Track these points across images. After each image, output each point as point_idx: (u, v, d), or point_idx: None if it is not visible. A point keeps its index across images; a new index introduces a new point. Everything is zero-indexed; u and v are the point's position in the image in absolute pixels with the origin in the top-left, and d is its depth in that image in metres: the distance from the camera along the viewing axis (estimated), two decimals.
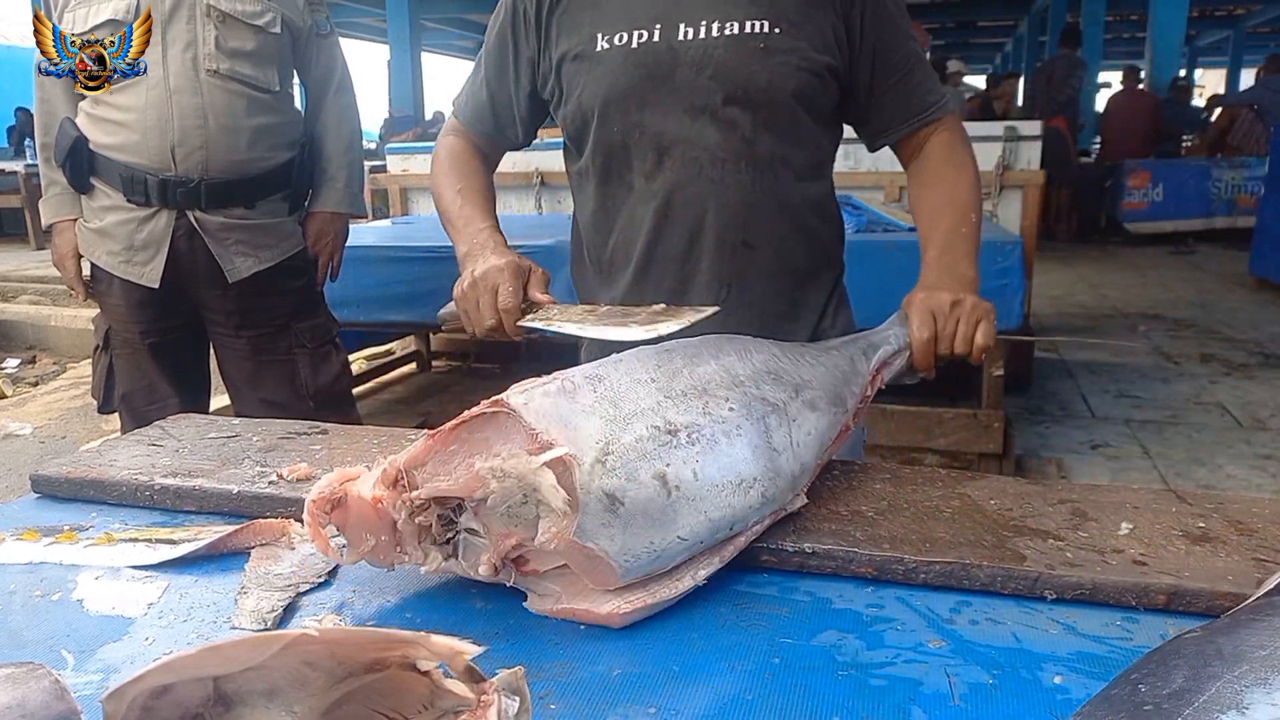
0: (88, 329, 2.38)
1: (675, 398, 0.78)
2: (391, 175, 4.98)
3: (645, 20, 1.15)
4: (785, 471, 0.82)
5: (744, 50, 1.13)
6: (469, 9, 17.12)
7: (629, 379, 0.78)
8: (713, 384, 0.82)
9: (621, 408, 0.74)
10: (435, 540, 0.73)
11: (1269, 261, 6.47)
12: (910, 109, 1.24)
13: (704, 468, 0.74)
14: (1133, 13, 14.54)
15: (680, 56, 1.14)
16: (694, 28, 1.14)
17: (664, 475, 0.71)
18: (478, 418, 0.70)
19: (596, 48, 1.17)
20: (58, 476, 0.98)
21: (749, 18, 1.14)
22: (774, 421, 0.83)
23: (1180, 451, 3.49)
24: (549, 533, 0.66)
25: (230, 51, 2.01)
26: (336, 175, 2.27)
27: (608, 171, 1.23)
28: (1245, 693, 0.47)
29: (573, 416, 0.71)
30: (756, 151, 1.17)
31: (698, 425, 0.76)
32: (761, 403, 0.84)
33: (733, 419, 0.79)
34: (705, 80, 1.14)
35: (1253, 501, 0.89)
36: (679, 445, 0.74)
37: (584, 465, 0.67)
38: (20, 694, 0.49)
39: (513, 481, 0.66)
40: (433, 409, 4.17)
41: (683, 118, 1.16)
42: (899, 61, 1.22)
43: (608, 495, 0.68)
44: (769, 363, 0.91)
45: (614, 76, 1.16)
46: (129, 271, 2.08)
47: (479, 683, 0.51)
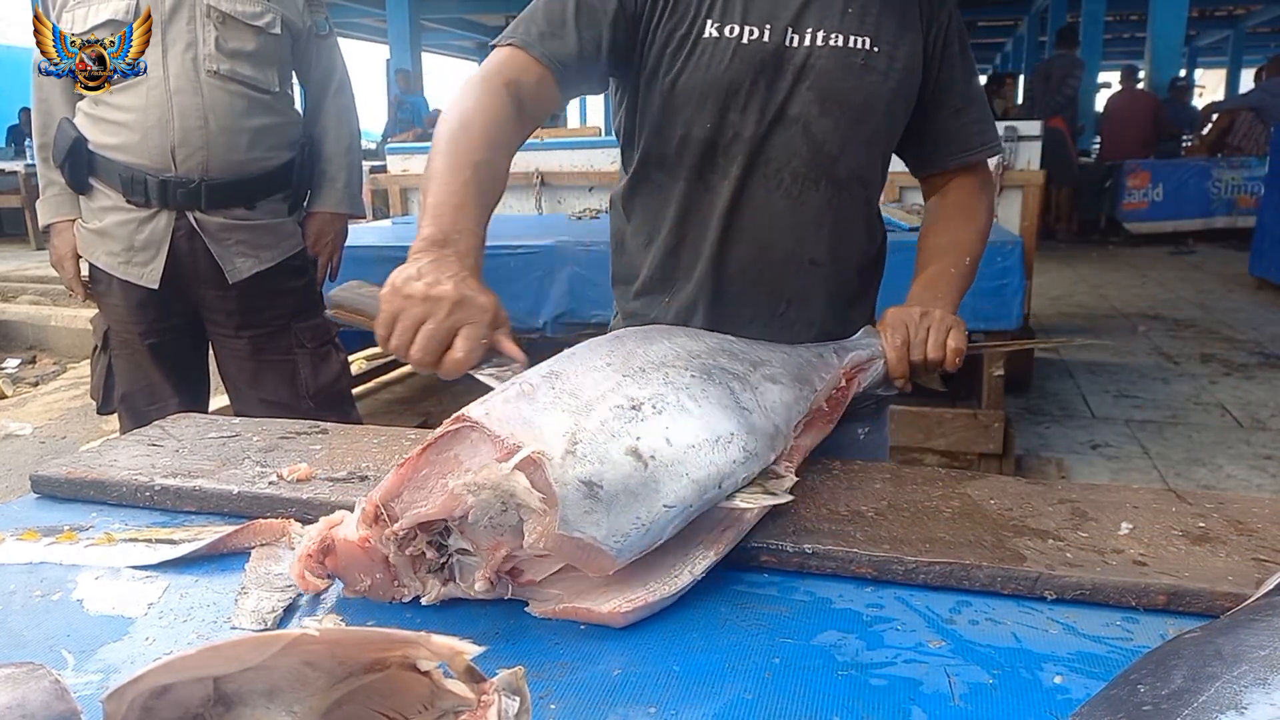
0: (88, 329, 2.38)
1: (634, 375, 0.78)
2: (391, 175, 4.98)
3: (757, 17, 1.12)
4: (760, 428, 0.83)
5: (845, 64, 1.12)
6: (469, 9, 17.12)
7: (585, 368, 0.78)
8: (669, 358, 0.83)
9: (581, 396, 0.74)
10: (430, 568, 0.73)
11: (1269, 261, 6.47)
12: (954, 145, 1.25)
13: (676, 432, 0.74)
14: (1133, 13, 14.53)
15: (785, 62, 1.12)
16: (800, 35, 1.12)
17: (636, 449, 0.71)
18: (443, 437, 0.70)
19: (705, 33, 1.12)
20: (58, 476, 0.98)
21: (852, 32, 1.13)
22: (737, 385, 0.85)
23: (1180, 451, 3.49)
24: (534, 533, 0.66)
25: (230, 52, 2.01)
26: (336, 176, 2.27)
27: (689, 168, 1.18)
28: (1244, 693, 0.47)
29: (535, 416, 0.71)
30: (838, 170, 1.16)
31: (661, 395, 0.77)
32: (720, 371, 0.85)
33: (696, 383, 0.81)
34: (804, 90, 1.12)
35: (1253, 501, 0.89)
36: (646, 417, 0.74)
37: (554, 459, 0.67)
38: (20, 694, 0.49)
39: (488, 492, 0.66)
40: (433, 409, 4.17)
41: (776, 125, 1.14)
42: (959, 93, 1.23)
43: (584, 483, 0.68)
44: (722, 344, 0.94)
45: (719, 69, 1.12)
46: (129, 272, 2.08)
47: (479, 683, 0.51)
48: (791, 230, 1.17)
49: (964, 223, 1.25)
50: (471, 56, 24.35)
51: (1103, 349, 4.89)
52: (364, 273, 3.92)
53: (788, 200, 1.16)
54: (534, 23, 1.13)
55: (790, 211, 1.16)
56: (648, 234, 1.24)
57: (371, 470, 0.98)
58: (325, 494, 0.91)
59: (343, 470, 0.98)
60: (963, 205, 1.26)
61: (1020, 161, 4.00)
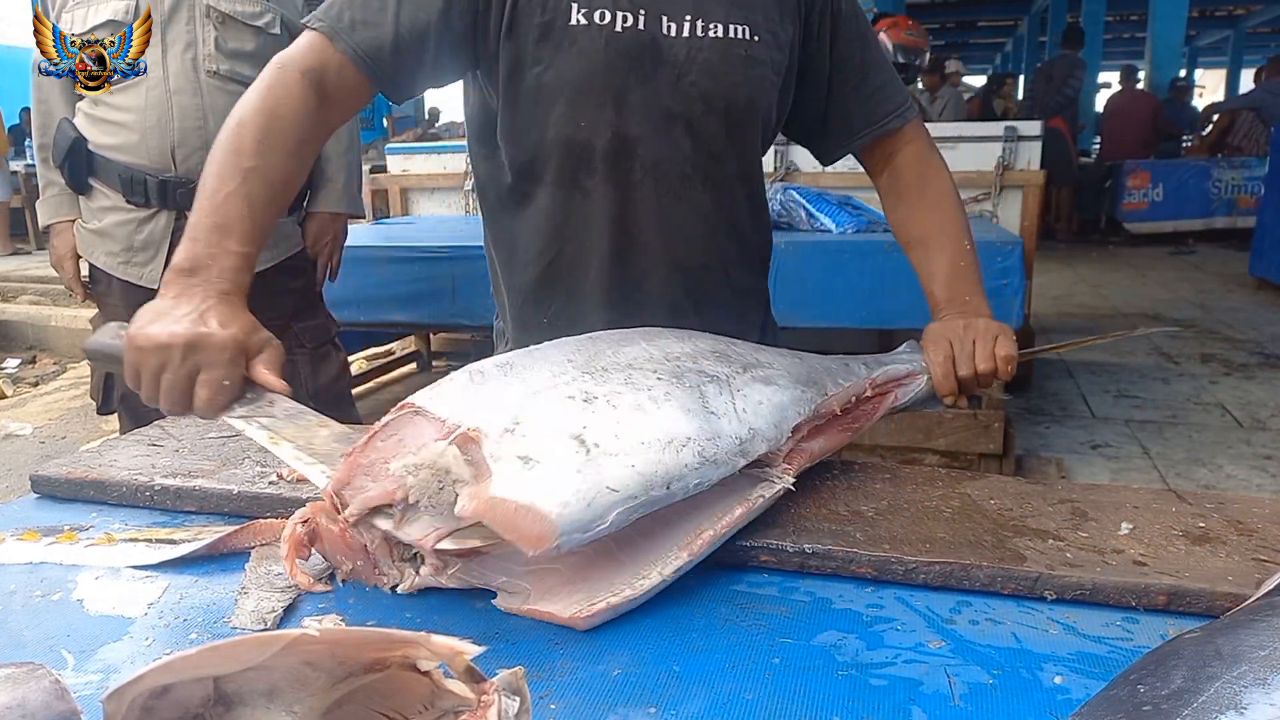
0: (87, 329, 2.38)
1: (594, 373, 0.76)
2: (391, 175, 4.98)
3: (630, 2, 1.01)
4: (727, 433, 0.78)
5: (727, 57, 1.04)
6: None
7: (543, 361, 0.77)
8: (639, 360, 0.80)
9: (531, 384, 0.73)
10: (403, 556, 0.73)
11: (1269, 261, 6.47)
12: (872, 114, 1.17)
13: (625, 428, 0.72)
14: (1133, 13, 14.54)
15: (664, 53, 1.02)
16: (676, 23, 1.02)
17: (580, 436, 0.69)
18: (389, 423, 0.70)
19: (570, 20, 1.00)
20: (58, 477, 0.98)
21: (730, 21, 1.04)
22: (712, 390, 0.81)
23: (1180, 451, 3.49)
24: (466, 499, 0.65)
25: (230, 52, 2.01)
26: (335, 176, 2.27)
27: (562, 172, 1.06)
28: (1244, 693, 0.47)
29: (480, 399, 0.71)
30: (723, 170, 1.09)
31: (618, 393, 0.75)
32: (697, 374, 0.82)
33: (660, 386, 0.77)
34: (687, 85, 1.04)
35: (1253, 501, 0.89)
36: (597, 411, 0.72)
37: (490, 436, 0.67)
38: (20, 694, 0.49)
39: (425, 471, 0.66)
40: None
41: (660, 122, 1.04)
42: (859, 65, 1.16)
43: (520, 458, 0.66)
44: (717, 346, 0.89)
45: (591, 61, 1.00)
46: (128, 272, 2.09)
47: (479, 683, 0.51)
48: (680, 236, 1.09)
49: (935, 195, 1.18)
50: None
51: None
52: (364, 272, 3.90)
53: (677, 202, 1.08)
54: (348, 6, 0.99)
55: (679, 212, 1.08)
56: (522, 251, 1.13)
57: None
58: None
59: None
60: (923, 176, 1.19)
61: (1020, 161, 3.99)
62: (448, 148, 4.94)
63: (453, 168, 4.73)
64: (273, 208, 0.95)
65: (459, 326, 3.79)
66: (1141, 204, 8.94)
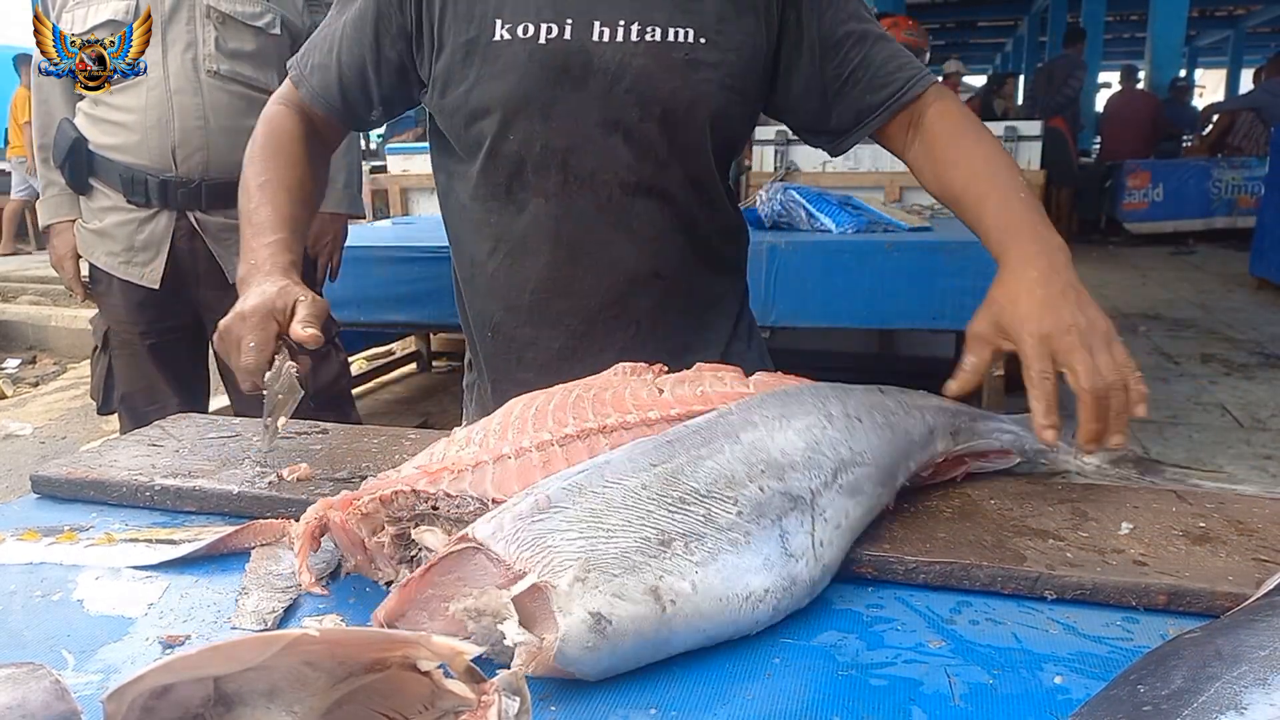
0: (88, 329, 2.38)
1: (671, 505, 0.69)
2: (391, 175, 4.98)
3: (554, 12, 0.99)
4: (803, 579, 0.71)
5: (665, 62, 1.00)
6: None
7: (616, 488, 0.69)
8: (720, 483, 0.71)
9: (605, 521, 0.66)
10: (400, 558, 0.74)
11: (1269, 261, 6.47)
12: (881, 91, 1.06)
13: (705, 579, 0.65)
14: (1133, 13, 14.54)
15: (594, 61, 1.00)
16: (610, 28, 0.99)
17: (657, 589, 0.63)
18: (446, 558, 0.65)
19: (495, 36, 1.00)
20: (58, 477, 0.98)
21: (672, 24, 1.00)
22: (793, 523, 0.73)
23: (1180, 451, 3.49)
24: (523, 657, 0.60)
25: (230, 52, 2.02)
26: (335, 176, 2.27)
27: (497, 186, 1.07)
28: (1244, 693, 0.47)
29: (547, 537, 0.64)
30: (669, 176, 1.05)
31: (697, 534, 0.68)
32: (782, 497, 0.73)
33: (740, 525, 0.70)
34: (621, 93, 1.01)
35: (1253, 501, 0.89)
36: (673, 555, 0.66)
37: (560, 587, 0.61)
38: (20, 694, 0.49)
39: (488, 619, 0.62)
40: (433, 409, 4.18)
41: (593, 132, 1.02)
42: (852, 44, 1.06)
43: (592, 614, 0.61)
44: (809, 433, 0.78)
45: (516, 76, 1.00)
46: (129, 272, 2.09)
47: (479, 683, 0.51)
48: (628, 246, 1.06)
49: (973, 143, 1.03)
50: None
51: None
52: (364, 272, 3.91)
53: (621, 214, 1.05)
54: (312, 50, 1.14)
55: (624, 224, 1.05)
56: (465, 266, 1.15)
57: (371, 470, 0.98)
58: (325, 494, 0.91)
59: (343, 470, 0.98)
60: (958, 129, 1.04)
61: (1020, 161, 4.00)
62: None
63: None
64: (296, 204, 1.08)
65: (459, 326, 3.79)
66: (1141, 204, 8.94)
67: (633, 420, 0.84)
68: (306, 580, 0.74)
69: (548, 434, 0.81)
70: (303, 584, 0.74)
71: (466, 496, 0.73)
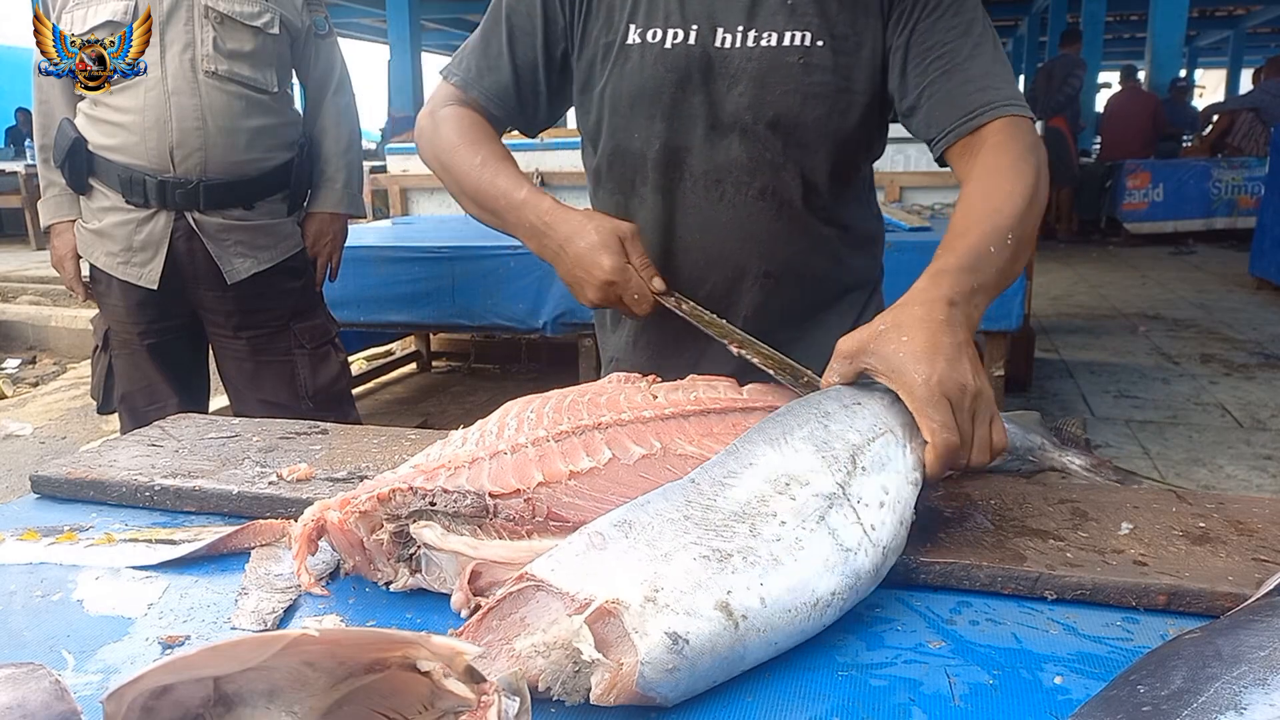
0: (88, 329, 2.38)
1: (716, 529, 0.68)
2: (391, 175, 4.98)
3: (682, 18, 1.05)
4: (866, 569, 0.70)
5: (780, 66, 1.04)
6: (469, 9, 17.09)
7: (660, 519, 0.68)
8: (751, 504, 0.70)
9: (660, 547, 0.65)
10: (399, 557, 0.74)
11: (1269, 261, 6.47)
12: (952, 112, 1.03)
13: (771, 590, 0.64)
14: (1133, 13, 14.55)
15: (715, 65, 1.05)
16: (732, 34, 1.05)
17: (727, 605, 0.62)
18: (505, 600, 0.64)
19: (627, 40, 1.07)
20: (58, 477, 0.98)
21: (789, 28, 1.03)
22: (837, 518, 0.71)
23: (1180, 451, 3.49)
24: (602, 686, 0.58)
25: (229, 53, 2.02)
26: (335, 176, 2.28)
27: (623, 180, 1.15)
28: (1243, 693, 0.47)
29: (606, 565, 0.64)
30: (782, 178, 1.08)
31: (751, 548, 0.66)
32: (816, 498, 0.72)
33: (789, 534, 0.68)
34: (737, 96, 1.05)
35: (1253, 501, 0.89)
36: (736, 569, 0.64)
37: (631, 608, 0.60)
38: (20, 694, 0.49)
39: (559, 652, 0.59)
40: (433, 409, 4.18)
41: (709, 133, 1.07)
42: (947, 54, 1.03)
43: (669, 634, 0.59)
44: (813, 436, 0.77)
45: (641, 77, 1.07)
46: (128, 272, 2.09)
47: (479, 683, 0.51)
48: (738, 243, 1.10)
49: (996, 187, 0.97)
50: None
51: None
52: (364, 272, 3.90)
53: (731, 211, 1.09)
54: (473, 55, 1.16)
55: (734, 223, 1.09)
56: None
57: (371, 470, 0.98)
58: (325, 494, 0.91)
59: (343, 470, 0.97)
60: (994, 169, 0.98)
61: None
62: None
63: None
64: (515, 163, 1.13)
65: (459, 326, 3.78)
66: (1141, 204, 8.94)
67: (627, 418, 0.85)
68: (306, 581, 0.74)
69: (543, 431, 0.82)
70: (302, 585, 0.74)
71: (463, 491, 0.73)
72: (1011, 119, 1.01)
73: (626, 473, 0.78)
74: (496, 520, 0.73)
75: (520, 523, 0.73)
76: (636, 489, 0.76)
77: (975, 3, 1.07)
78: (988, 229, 0.90)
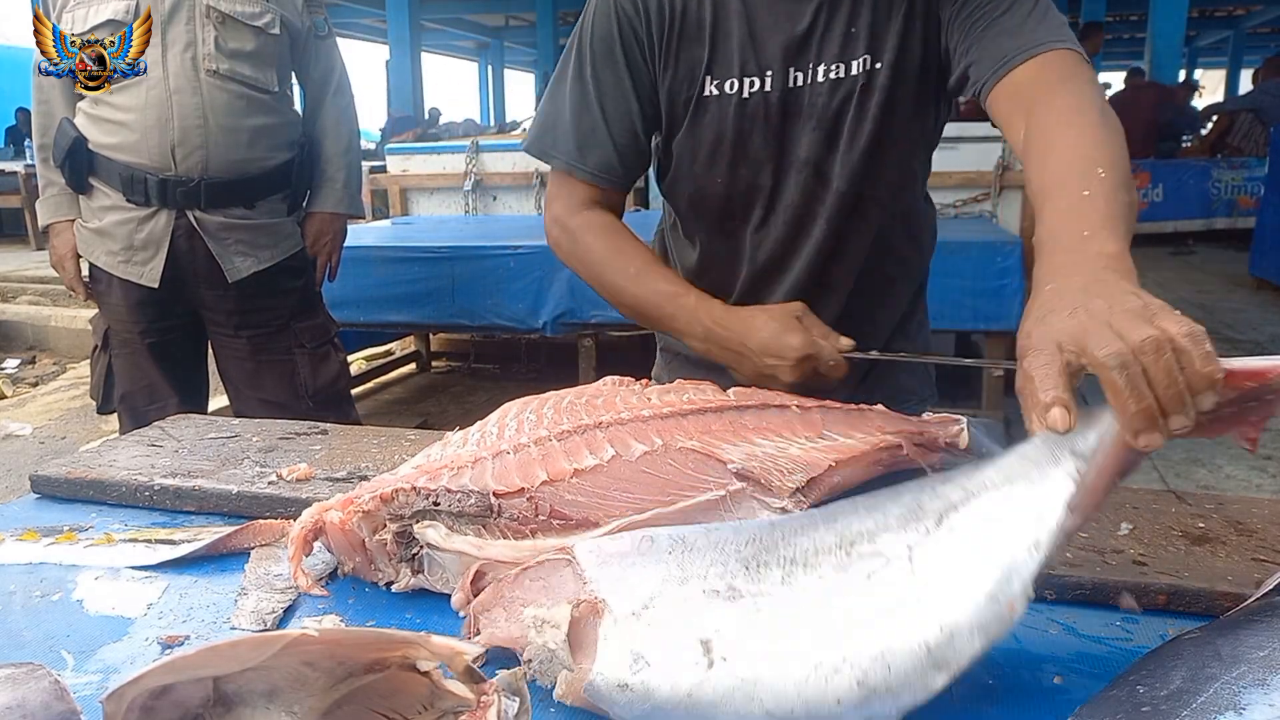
0: (88, 329, 2.38)
1: (753, 568, 0.64)
2: (391, 175, 4.98)
3: (756, 66, 1.07)
4: (901, 648, 0.56)
5: (842, 94, 1.07)
6: (469, 9, 17.11)
7: (711, 547, 0.66)
8: (803, 554, 0.65)
9: (687, 569, 0.64)
10: (401, 557, 0.74)
11: (1269, 262, 6.47)
12: (1001, 51, 0.97)
13: (766, 640, 0.59)
14: (1133, 13, 14.54)
15: (790, 108, 1.09)
16: (804, 73, 1.07)
17: (709, 643, 0.58)
18: (545, 563, 0.67)
19: (705, 92, 1.10)
20: (58, 477, 0.98)
21: (851, 56, 1.06)
22: (886, 577, 0.61)
23: (1180, 452, 3.49)
24: (562, 686, 0.60)
25: (230, 52, 2.02)
26: (335, 176, 2.28)
27: (707, 219, 1.19)
28: (1243, 694, 0.47)
29: (630, 571, 0.64)
30: (844, 201, 1.12)
31: (768, 593, 0.62)
32: (871, 558, 0.63)
33: (818, 586, 0.62)
34: (810, 131, 1.09)
35: (1252, 502, 0.89)
36: (740, 612, 0.61)
37: (613, 615, 0.60)
38: (20, 694, 0.49)
39: (549, 630, 0.61)
40: (432, 409, 4.18)
41: (788, 172, 1.12)
42: (980, 19, 1.00)
43: (631, 652, 0.58)
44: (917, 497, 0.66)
45: (720, 126, 1.10)
46: (128, 271, 2.09)
47: (479, 683, 0.51)
48: (803, 262, 1.15)
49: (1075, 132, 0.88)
50: (471, 57, 24.36)
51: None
52: (364, 273, 3.90)
53: (802, 237, 1.14)
54: (569, 132, 1.14)
55: (804, 247, 1.15)
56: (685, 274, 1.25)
57: (371, 470, 0.98)
58: (325, 494, 0.91)
59: (342, 470, 0.98)
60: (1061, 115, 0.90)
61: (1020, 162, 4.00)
62: (447, 148, 4.94)
63: (452, 168, 4.72)
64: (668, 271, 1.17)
65: (459, 326, 3.79)
66: (1141, 204, 8.94)
67: (626, 417, 0.85)
68: (304, 583, 0.74)
69: (544, 430, 0.82)
70: (300, 586, 0.74)
71: (468, 491, 0.73)
72: (1054, 53, 0.95)
73: (629, 469, 0.79)
74: (501, 520, 0.74)
75: (524, 522, 0.74)
76: (639, 485, 0.77)
77: None
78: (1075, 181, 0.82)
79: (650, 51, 1.10)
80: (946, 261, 3.08)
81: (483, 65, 24.24)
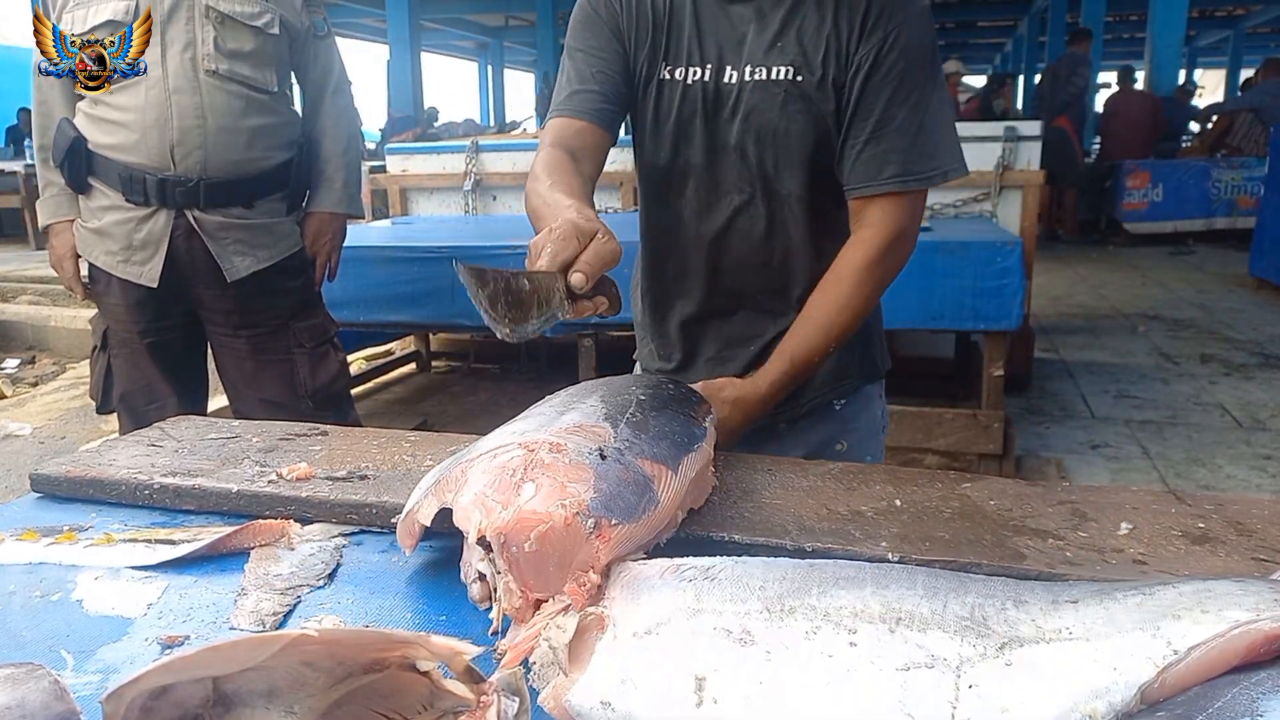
0: (87, 329, 2.38)
1: (778, 612, 0.60)
2: (391, 175, 4.98)
3: (699, 59, 1.23)
4: None
5: (769, 96, 1.21)
6: (469, 9, 17.10)
7: (733, 578, 0.64)
8: (845, 610, 0.59)
9: (704, 602, 0.61)
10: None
11: (1269, 262, 6.47)
12: (855, 174, 1.20)
13: (765, 692, 0.54)
14: (1133, 13, 14.54)
15: (723, 98, 1.23)
16: (737, 71, 1.22)
17: (702, 680, 0.55)
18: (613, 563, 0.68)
19: (660, 75, 1.26)
20: (57, 476, 0.98)
21: (777, 64, 1.20)
22: (926, 681, 0.54)
23: (1180, 452, 3.49)
24: (549, 694, 0.59)
25: (229, 52, 2.02)
26: (334, 176, 2.28)
27: (664, 188, 1.32)
28: (1261, 700, 0.47)
29: (647, 594, 0.64)
30: (776, 188, 1.25)
31: (788, 646, 0.57)
32: (919, 650, 0.56)
33: (846, 658, 0.55)
34: (739, 123, 1.23)
35: (1252, 502, 0.89)
36: (744, 660, 0.56)
37: (617, 633, 0.60)
38: (20, 694, 0.49)
39: (556, 634, 0.62)
40: (432, 409, 4.18)
41: (719, 155, 1.26)
42: (875, 120, 1.17)
43: (620, 673, 0.57)
44: (980, 607, 0.60)
45: (667, 108, 1.26)
46: (127, 271, 2.09)
47: (478, 683, 0.51)
48: (741, 242, 1.29)
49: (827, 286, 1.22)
50: (471, 57, 24.36)
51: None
52: (364, 272, 3.89)
53: (736, 217, 1.28)
54: (565, 86, 1.29)
55: (739, 227, 1.29)
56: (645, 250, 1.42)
57: (371, 470, 0.98)
58: (325, 493, 0.91)
59: (342, 470, 0.97)
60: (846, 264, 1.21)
61: (1020, 161, 3.99)
62: (447, 148, 4.94)
63: (452, 168, 4.72)
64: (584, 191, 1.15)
65: (458, 326, 3.79)
66: (1141, 204, 8.94)
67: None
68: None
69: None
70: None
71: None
72: (892, 198, 1.19)
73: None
74: None
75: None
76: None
77: (925, 59, 1.18)
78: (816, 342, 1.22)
79: (623, 33, 1.26)
80: (946, 261, 3.10)
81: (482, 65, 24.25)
